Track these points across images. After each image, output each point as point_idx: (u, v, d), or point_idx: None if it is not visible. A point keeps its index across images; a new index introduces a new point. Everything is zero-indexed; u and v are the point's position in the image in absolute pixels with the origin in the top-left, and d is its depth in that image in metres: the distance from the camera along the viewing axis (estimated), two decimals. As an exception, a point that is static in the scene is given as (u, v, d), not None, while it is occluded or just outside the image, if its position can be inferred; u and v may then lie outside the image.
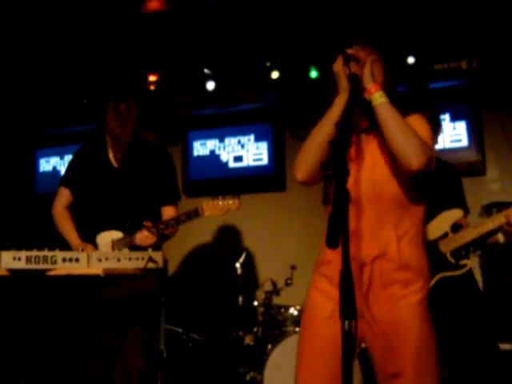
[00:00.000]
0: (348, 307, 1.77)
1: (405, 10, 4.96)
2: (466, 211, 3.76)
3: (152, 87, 6.03)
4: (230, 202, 3.56)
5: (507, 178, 5.51)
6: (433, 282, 3.29)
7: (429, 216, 3.37)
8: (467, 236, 3.45)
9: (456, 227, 3.53)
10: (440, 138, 4.36)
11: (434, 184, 2.45)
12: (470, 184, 4.44)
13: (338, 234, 1.74)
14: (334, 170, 1.83)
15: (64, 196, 3.86)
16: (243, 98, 6.11)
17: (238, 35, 5.45)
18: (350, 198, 2.29)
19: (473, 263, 3.57)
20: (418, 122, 2.36)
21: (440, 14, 5.00)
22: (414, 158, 2.17)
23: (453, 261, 3.43)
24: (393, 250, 2.27)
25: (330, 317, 2.21)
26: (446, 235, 3.50)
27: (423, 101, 4.32)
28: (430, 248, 3.37)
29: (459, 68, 5.41)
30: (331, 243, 1.73)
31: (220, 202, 3.55)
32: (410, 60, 5.33)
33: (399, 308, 2.25)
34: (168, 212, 3.77)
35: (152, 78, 5.97)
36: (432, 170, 2.27)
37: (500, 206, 3.56)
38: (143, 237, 3.50)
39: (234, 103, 6.16)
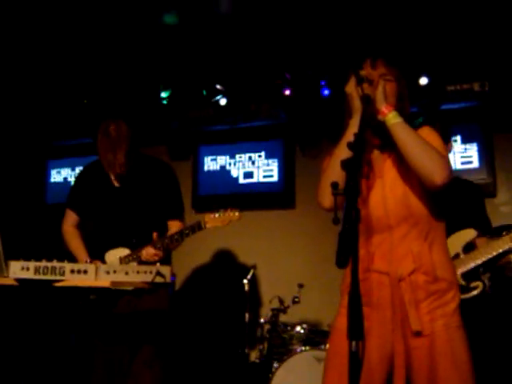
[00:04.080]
0: (356, 328, 1.77)
1: (418, 31, 4.98)
2: (489, 230, 3.69)
3: (164, 102, 6.07)
4: (231, 213, 3.57)
5: (518, 201, 5.49)
6: None
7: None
8: (479, 257, 3.41)
9: (468, 248, 3.48)
10: (451, 159, 4.33)
11: (453, 202, 2.45)
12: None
13: (348, 253, 1.74)
14: (345, 190, 1.84)
15: (71, 217, 4.00)
16: (255, 115, 6.13)
17: (250, 52, 5.48)
18: (374, 217, 2.35)
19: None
20: (428, 134, 2.38)
21: (453, 35, 5.01)
22: (437, 175, 2.21)
23: (464, 283, 3.37)
24: (427, 263, 2.31)
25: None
26: (457, 256, 3.44)
27: (432, 117, 4.28)
28: None
29: (472, 90, 5.42)
30: (340, 263, 1.74)
31: (221, 214, 3.57)
32: (423, 81, 5.36)
33: (437, 318, 2.27)
34: (174, 226, 3.79)
35: (164, 93, 6.02)
36: (450, 181, 2.28)
37: (510, 229, 3.51)
38: (149, 253, 3.53)
39: (245, 120, 6.17)
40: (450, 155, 4.02)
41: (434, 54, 5.23)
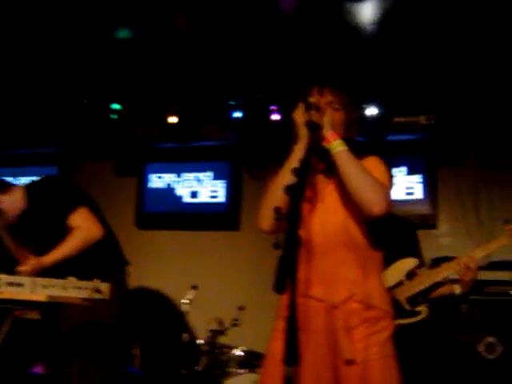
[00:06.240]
0: (291, 353, 1.76)
1: (369, 61, 5.06)
2: (421, 263, 3.79)
3: (114, 116, 6.02)
4: None
5: (458, 233, 5.60)
6: None
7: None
8: (422, 283, 3.51)
9: (411, 275, 3.57)
10: (396, 190, 4.40)
11: (389, 234, 2.48)
12: (421, 237, 4.49)
13: (285, 279, 1.74)
14: (288, 216, 1.84)
15: None
16: (204, 135, 6.13)
17: (203, 73, 5.49)
18: (314, 241, 2.34)
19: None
20: (374, 164, 2.40)
21: (403, 67, 5.12)
22: (374, 205, 2.22)
23: (408, 308, 3.45)
24: (362, 292, 2.30)
25: None
26: (401, 283, 3.53)
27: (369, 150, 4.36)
28: None
29: (418, 122, 5.53)
30: (278, 288, 1.74)
31: None
32: (370, 111, 5.45)
33: (372, 346, 2.25)
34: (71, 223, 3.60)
35: (115, 107, 5.98)
36: (390, 212, 2.29)
37: (449, 261, 3.60)
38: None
39: (194, 139, 6.16)
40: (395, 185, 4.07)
41: (382, 85, 5.33)
